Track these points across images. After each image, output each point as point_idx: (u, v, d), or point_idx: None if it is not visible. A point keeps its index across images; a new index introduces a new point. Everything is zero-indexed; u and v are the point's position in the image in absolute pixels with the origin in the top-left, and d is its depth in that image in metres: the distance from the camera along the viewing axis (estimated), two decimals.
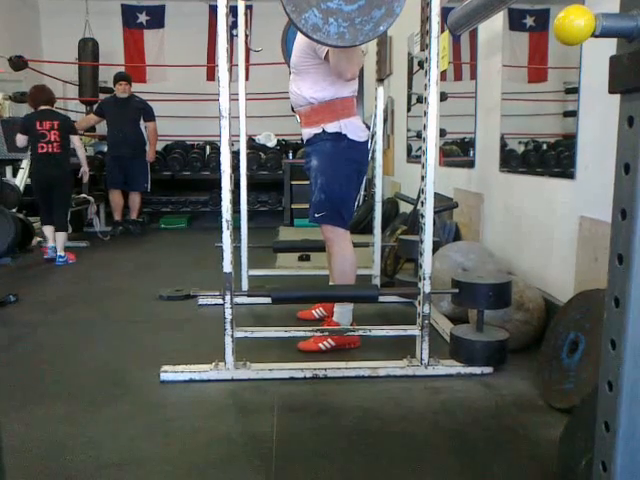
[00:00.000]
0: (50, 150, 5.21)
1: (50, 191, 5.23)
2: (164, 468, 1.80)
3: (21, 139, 5.26)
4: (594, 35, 0.79)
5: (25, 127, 5.24)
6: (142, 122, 6.82)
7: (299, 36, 2.75)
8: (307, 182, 2.99)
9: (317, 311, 3.30)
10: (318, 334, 2.70)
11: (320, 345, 2.79)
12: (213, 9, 9.12)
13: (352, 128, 2.76)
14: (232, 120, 2.31)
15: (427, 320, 2.47)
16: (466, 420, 2.10)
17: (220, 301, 2.46)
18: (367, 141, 2.88)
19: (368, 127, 3.37)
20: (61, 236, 5.21)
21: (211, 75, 9.66)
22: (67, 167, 5.38)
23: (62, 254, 5.14)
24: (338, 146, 2.76)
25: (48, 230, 5.26)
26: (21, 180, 5.92)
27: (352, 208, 2.92)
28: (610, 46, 0.84)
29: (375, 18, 1.93)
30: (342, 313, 2.88)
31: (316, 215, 2.81)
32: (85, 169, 5.76)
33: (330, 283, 3.13)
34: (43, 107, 5.34)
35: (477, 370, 2.49)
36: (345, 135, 2.74)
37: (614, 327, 0.83)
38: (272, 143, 8.25)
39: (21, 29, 9.20)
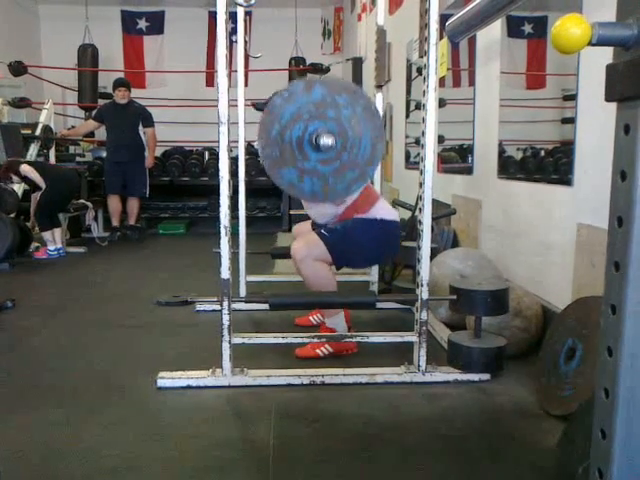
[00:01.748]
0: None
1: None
2: (161, 474, 1.80)
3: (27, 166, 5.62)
4: (590, 44, 0.79)
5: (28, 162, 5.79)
6: (141, 128, 6.83)
7: None
8: None
9: (315, 317, 3.30)
10: (316, 340, 2.69)
11: (318, 351, 2.79)
12: (212, 15, 9.13)
13: (383, 212, 2.83)
14: (231, 126, 2.32)
15: (425, 326, 2.47)
16: (464, 427, 2.10)
17: (218, 307, 2.46)
18: (398, 221, 2.93)
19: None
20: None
21: (210, 81, 9.69)
22: None
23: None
24: (374, 222, 2.80)
25: (52, 233, 5.63)
26: (19, 186, 5.92)
27: (349, 259, 2.87)
28: (607, 53, 0.85)
29: (348, 179, 2.05)
30: (333, 323, 2.87)
31: (322, 231, 2.78)
32: None
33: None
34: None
35: (475, 377, 2.48)
36: (381, 219, 2.81)
37: (611, 334, 0.83)
38: None
39: (21, 35, 9.23)
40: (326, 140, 1.98)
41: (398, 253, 3.12)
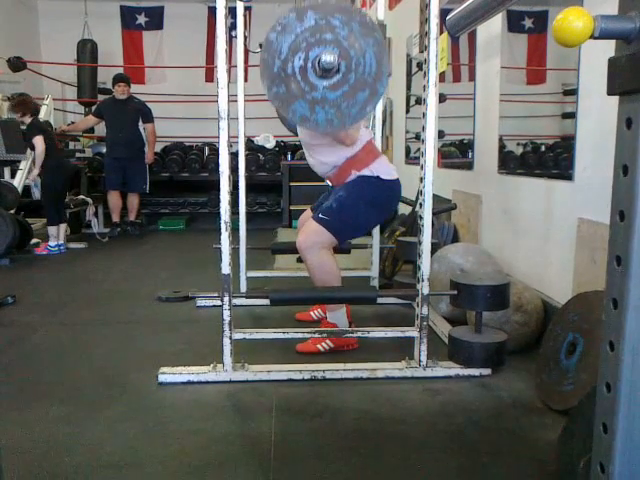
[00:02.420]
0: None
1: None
2: (162, 469, 1.80)
3: (42, 143, 5.55)
4: (592, 37, 0.79)
5: (46, 132, 5.66)
6: (141, 123, 6.82)
7: None
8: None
9: (315, 312, 3.30)
10: (316, 335, 2.69)
11: (318, 346, 2.79)
12: (212, 10, 9.12)
13: (382, 169, 2.80)
14: (231, 121, 2.31)
15: (425, 322, 2.47)
16: (464, 422, 2.10)
17: (218, 303, 2.46)
18: (398, 179, 2.89)
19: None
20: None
21: (210, 76, 9.66)
22: None
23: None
24: (370, 181, 2.78)
25: (57, 229, 5.68)
26: (19, 181, 5.91)
27: (353, 233, 2.90)
28: (609, 47, 0.85)
29: (360, 101, 1.99)
30: (334, 317, 2.88)
31: (320, 215, 2.79)
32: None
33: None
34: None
35: (475, 372, 2.49)
36: (377, 176, 2.78)
37: (612, 329, 0.83)
38: (271, 144, 8.19)
39: (20, 30, 9.19)
40: (327, 57, 1.92)
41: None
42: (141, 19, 9.88)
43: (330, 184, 3.00)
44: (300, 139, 2.93)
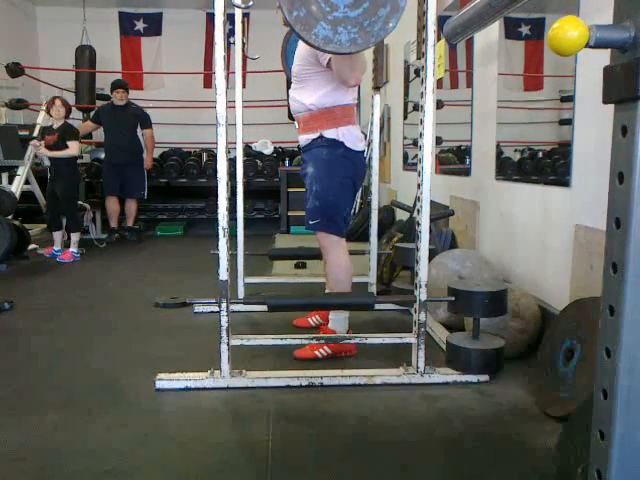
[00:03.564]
0: None
1: None
2: (159, 476, 1.80)
3: (77, 149, 5.67)
4: (588, 46, 0.79)
5: (79, 140, 5.77)
6: (139, 129, 6.83)
7: (300, 45, 2.75)
8: (303, 189, 2.99)
9: (313, 319, 3.30)
10: (314, 342, 2.69)
11: (316, 353, 2.78)
12: (210, 17, 9.16)
13: (350, 137, 2.75)
14: (229, 127, 2.32)
15: (423, 328, 2.47)
16: (462, 428, 2.10)
17: (216, 309, 2.46)
18: (364, 151, 2.87)
19: (365, 136, 3.36)
20: None
21: (208, 82, 9.68)
22: None
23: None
24: (334, 153, 2.75)
25: (60, 235, 5.79)
26: (17, 187, 5.91)
27: (347, 216, 2.91)
28: (606, 54, 0.85)
29: (382, 17, 1.96)
30: (337, 321, 2.88)
31: (311, 222, 2.81)
32: None
33: (326, 291, 3.12)
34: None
35: (473, 378, 2.49)
36: (342, 143, 2.73)
37: (609, 335, 0.83)
38: (269, 150, 8.26)
39: (18, 36, 9.21)
40: None
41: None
42: (139, 25, 9.90)
43: (297, 126, 2.94)
44: (293, 71, 2.86)
